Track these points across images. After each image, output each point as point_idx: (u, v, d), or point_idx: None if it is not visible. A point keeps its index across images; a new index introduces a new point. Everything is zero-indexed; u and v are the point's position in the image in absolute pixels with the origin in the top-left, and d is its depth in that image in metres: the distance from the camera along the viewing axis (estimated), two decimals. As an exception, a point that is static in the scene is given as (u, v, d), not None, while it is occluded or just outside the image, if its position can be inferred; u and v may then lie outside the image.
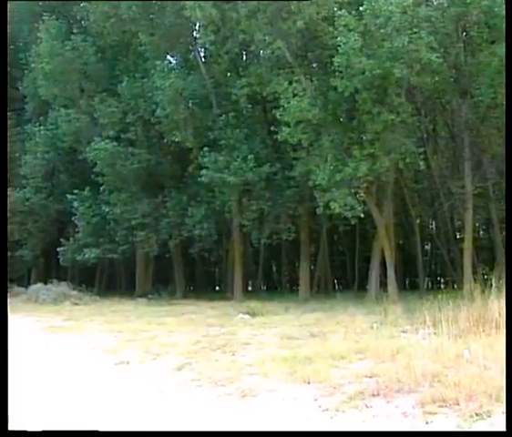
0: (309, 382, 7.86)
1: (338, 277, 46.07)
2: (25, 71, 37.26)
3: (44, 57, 33.30)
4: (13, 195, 36.18)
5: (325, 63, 25.84)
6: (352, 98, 23.24)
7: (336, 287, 43.10)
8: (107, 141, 31.20)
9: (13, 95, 40.51)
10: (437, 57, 21.50)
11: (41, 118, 36.82)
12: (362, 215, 24.13)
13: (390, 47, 21.16)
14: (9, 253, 39.63)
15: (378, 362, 8.71)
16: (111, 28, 32.68)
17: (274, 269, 50.24)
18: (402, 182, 31.37)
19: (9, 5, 38.42)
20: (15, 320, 21.54)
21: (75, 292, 31.57)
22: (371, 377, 7.89)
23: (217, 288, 49.73)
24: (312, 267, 38.00)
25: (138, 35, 31.39)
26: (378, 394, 7.11)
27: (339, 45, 21.58)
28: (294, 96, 23.71)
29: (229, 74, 31.61)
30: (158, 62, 29.99)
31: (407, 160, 23.98)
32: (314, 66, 28.32)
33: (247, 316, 18.68)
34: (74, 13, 37.50)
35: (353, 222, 26.47)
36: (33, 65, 35.03)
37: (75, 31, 33.99)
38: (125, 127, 31.83)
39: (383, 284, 27.45)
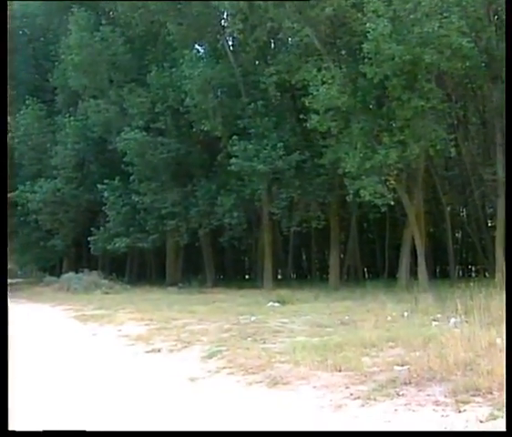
0: (340, 370, 7.84)
1: (368, 265, 45.72)
2: (55, 63, 37.59)
3: (73, 49, 33.64)
4: (44, 185, 36.62)
5: (354, 49, 25.66)
6: (381, 85, 23.04)
7: (366, 275, 42.76)
8: (136, 131, 31.41)
9: (43, 86, 41.00)
10: (468, 42, 21.18)
11: (71, 109, 37.20)
12: (392, 202, 23.95)
13: (420, 32, 20.93)
14: (41, 243, 40.29)
15: (409, 351, 8.65)
16: (139, 19, 32.85)
17: (304, 257, 50.11)
18: (432, 169, 31.07)
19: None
20: (47, 309, 21.94)
21: (105, 281, 31.92)
22: (402, 365, 7.84)
23: (246, 276, 49.76)
24: (342, 255, 37.87)
25: (166, 25, 31.51)
26: (410, 383, 7.06)
27: (368, 32, 21.38)
28: (323, 83, 23.57)
29: (257, 62, 31.58)
30: (187, 51, 30.05)
31: (438, 147, 23.68)
32: (343, 52, 28.14)
33: (277, 304, 18.72)
34: (102, 4, 37.77)
35: (383, 210, 26.29)
36: (62, 56, 35.36)
37: (103, 22, 34.31)
38: (154, 116, 31.98)
39: (413, 272, 27.26)
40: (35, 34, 42.79)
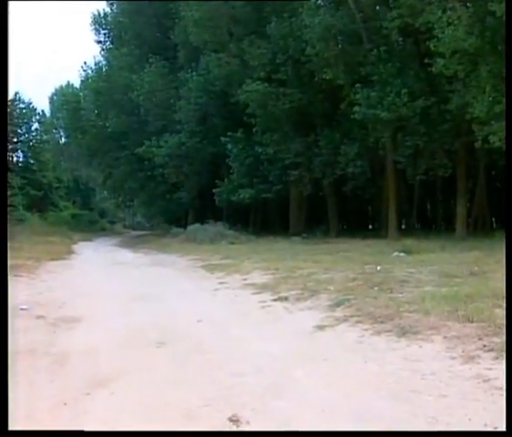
0: (472, 321, 7.61)
1: (496, 215, 44.03)
2: (176, 20, 38.35)
3: (193, 5, 34.30)
4: (169, 140, 37.78)
5: (482, -14, 24.45)
6: (512, 23, 21.84)
7: (494, 225, 41.25)
8: (258, 83, 31.64)
9: (165, 44, 42.08)
10: None
11: (193, 64, 37.94)
12: (524, 148, 22.86)
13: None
14: (167, 196, 41.79)
15: (547, 302, 8.28)
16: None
17: (429, 206, 49.04)
18: None
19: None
20: (176, 259, 22.81)
21: (230, 232, 32.58)
22: (539, 317, 7.53)
23: (370, 226, 49.35)
24: (469, 204, 36.67)
25: (285, -25, 31.30)
26: (548, 336, 6.78)
27: (498, -34, 20.28)
28: (449, 24, 22.68)
29: (378, 7, 30.76)
30: (306, 0, 29.72)
31: None
32: (470, -9, 26.88)
33: (402, 254, 18.46)
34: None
35: (513, 156, 25.16)
36: (183, 13, 36.09)
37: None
38: (275, 67, 32.03)
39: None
40: (155, -6, 43.78)
